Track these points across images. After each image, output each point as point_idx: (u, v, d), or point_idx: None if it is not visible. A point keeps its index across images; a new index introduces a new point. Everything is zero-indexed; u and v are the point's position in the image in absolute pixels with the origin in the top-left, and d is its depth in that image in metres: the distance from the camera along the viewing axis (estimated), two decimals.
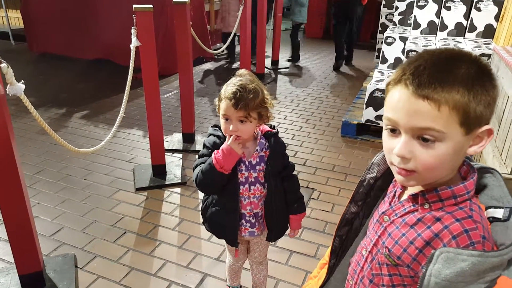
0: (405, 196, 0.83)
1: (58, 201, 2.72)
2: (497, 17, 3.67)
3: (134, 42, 2.61)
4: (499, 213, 0.73)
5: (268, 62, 6.41)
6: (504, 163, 2.03)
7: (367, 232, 0.91)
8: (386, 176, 0.90)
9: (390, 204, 0.85)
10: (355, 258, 0.92)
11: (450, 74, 0.68)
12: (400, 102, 0.71)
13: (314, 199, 2.81)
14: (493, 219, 0.73)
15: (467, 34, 3.83)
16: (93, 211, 2.62)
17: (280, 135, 1.52)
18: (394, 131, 0.74)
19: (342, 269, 0.98)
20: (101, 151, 2.63)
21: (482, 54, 3.23)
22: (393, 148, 0.73)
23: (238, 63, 6.10)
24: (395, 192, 0.86)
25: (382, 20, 6.07)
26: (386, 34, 4.35)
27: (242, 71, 1.44)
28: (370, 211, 0.93)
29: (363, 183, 0.92)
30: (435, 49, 0.74)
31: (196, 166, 1.48)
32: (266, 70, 6.04)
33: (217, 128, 1.49)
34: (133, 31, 2.61)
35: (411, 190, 0.80)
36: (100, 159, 3.29)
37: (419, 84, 0.68)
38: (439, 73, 0.68)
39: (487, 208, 0.75)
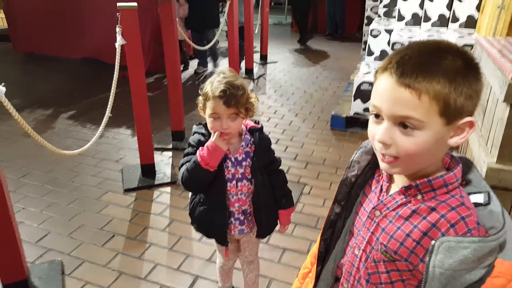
0: (394, 189, 0.82)
1: (44, 205, 2.66)
2: (478, 8, 3.68)
3: (119, 41, 2.57)
4: (479, 198, 0.76)
5: (256, 57, 6.37)
6: (490, 153, 2.04)
7: (354, 230, 0.90)
8: (365, 173, 0.91)
9: (378, 199, 0.85)
10: (348, 259, 0.90)
11: (434, 65, 0.69)
12: (384, 90, 0.73)
13: (306, 194, 2.80)
14: (475, 205, 0.75)
15: (450, 24, 3.85)
16: (81, 215, 2.57)
17: (270, 129, 1.51)
18: (378, 116, 0.76)
19: (324, 276, 0.96)
20: (88, 152, 2.59)
21: (466, 44, 3.24)
22: (375, 134, 0.75)
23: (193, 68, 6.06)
24: (381, 186, 0.86)
25: (368, 13, 6.08)
26: (371, 26, 4.34)
27: (223, 68, 1.44)
28: (350, 210, 0.93)
29: (345, 182, 0.92)
30: (424, 41, 0.76)
31: (182, 165, 1.47)
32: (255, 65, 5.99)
33: (202, 126, 1.48)
34: (118, 29, 2.57)
35: (400, 182, 0.81)
36: (87, 160, 3.24)
37: (402, 73, 0.70)
38: (422, 64, 0.69)
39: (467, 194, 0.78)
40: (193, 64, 6.36)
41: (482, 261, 0.66)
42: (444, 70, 0.69)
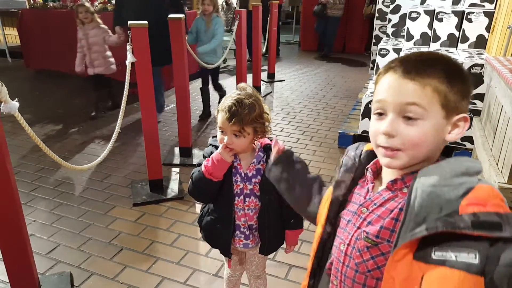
0: (381, 187, 0.87)
1: (54, 218, 2.69)
2: (488, 28, 3.71)
3: (130, 58, 2.63)
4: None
5: (264, 75, 6.45)
6: (501, 172, 2.03)
7: (339, 230, 0.92)
8: (351, 190, 0.95)
9: (365, 198, 0.88)
10: (335, 257, 0.92)
11: (432, 65, 0.78)
12: (389, 84, 0.80)
13: None
14: None
15: (459, 44, 3.86)
16: (89, 228, 2.59)
17: None
18: (381, 114, 0.81)
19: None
20: (97, 166, 2.63)
21: (475, 64, 3.25)
22: (379, 129, 0.80)
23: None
24: (367, 188, 0.89)
25: (376, 32, 6.12)
26: (380, 46, 4.38)
27: (243, 85, 1.43)
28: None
29: (334, 202, 0.95)
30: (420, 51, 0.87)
31: (192, 174, 1.48)
32: (262, 83, 6.06)
33: (217, 139, 1.48)
34: (128, 47, 2.64)
35: (387, 180, 0.85)
36: (96, 175, 3.28)
37: (406, 69, 0.78)
38: (422, 63, 0.78)
39: None
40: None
41: (460, 180, 0.70)
42: (440, 69, 0.77)
